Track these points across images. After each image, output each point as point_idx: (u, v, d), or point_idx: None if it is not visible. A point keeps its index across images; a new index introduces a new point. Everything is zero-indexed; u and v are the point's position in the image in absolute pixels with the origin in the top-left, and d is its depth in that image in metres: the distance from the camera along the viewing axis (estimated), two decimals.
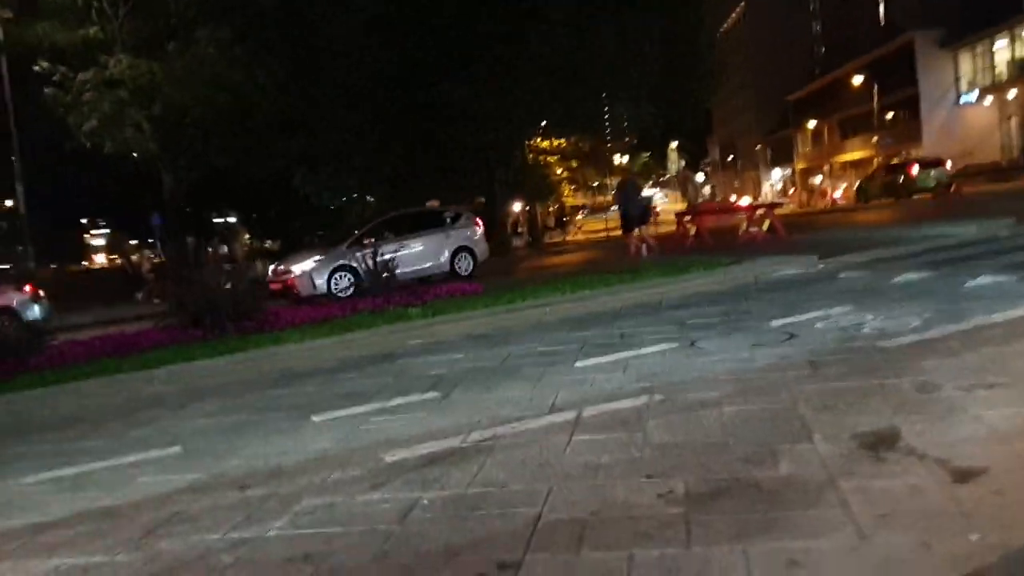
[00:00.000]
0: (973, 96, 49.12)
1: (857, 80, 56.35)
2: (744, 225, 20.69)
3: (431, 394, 6.71)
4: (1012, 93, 45.44)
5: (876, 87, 54.64)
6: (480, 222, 20.93)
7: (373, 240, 18.25)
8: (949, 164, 37.41)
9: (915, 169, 36.36)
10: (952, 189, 33.41)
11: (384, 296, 12.61)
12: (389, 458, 4.98)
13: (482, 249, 20.35)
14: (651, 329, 8.63)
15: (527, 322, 10.37)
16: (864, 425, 4.49)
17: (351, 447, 5.43)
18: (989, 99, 47.96)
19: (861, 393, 5.12)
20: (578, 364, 7.31)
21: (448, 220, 20.27)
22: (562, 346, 8.35)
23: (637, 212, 18.70)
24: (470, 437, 5.21)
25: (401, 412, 6.25)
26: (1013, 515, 3.15)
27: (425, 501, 4.13)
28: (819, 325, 7.52)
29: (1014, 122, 46.48)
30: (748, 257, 13.38)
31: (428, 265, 19.32)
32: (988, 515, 3.17)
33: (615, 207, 28.69)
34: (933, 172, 35.86)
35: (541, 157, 52.50)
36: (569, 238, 55.16)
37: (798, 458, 4.12)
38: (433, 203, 25.37)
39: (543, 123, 39.98)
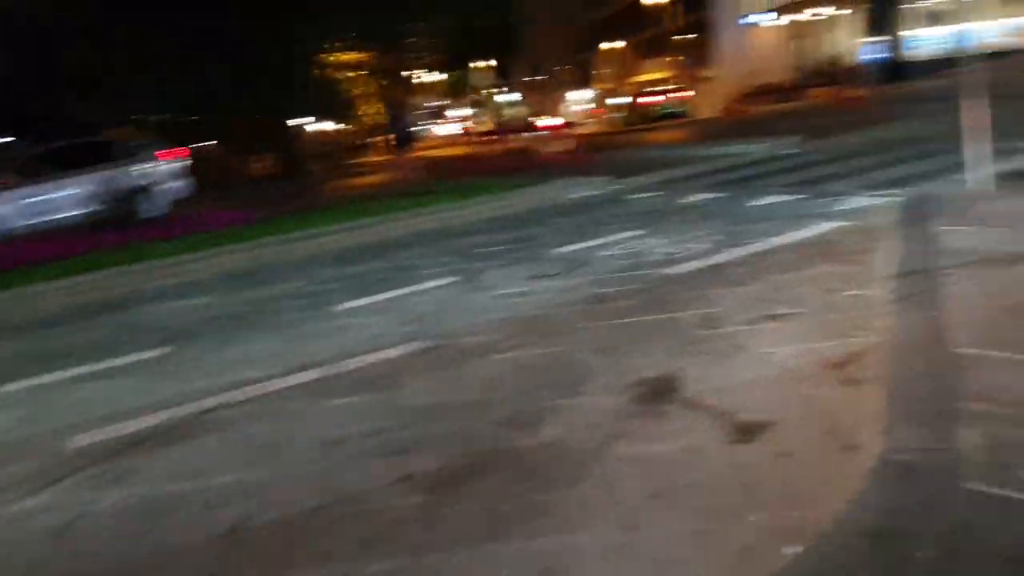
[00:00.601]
0: (762, 17, 51.41)
1: (653, 1, 57.44)
2: (544, 145, 20.39)
3: (157, 351, 5.69)
4: (796, 15, 47.94)
5: (671, 8, 55.98)
6: (177, 153, 16.89)
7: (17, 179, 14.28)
8: (684, 94, 45.33)
9: (652, 98, 44.23)
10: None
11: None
12: (76, 443, 4.00)
13: (174, 187, 15.94)
14: (432, 261, 7.94)
15: (297, 256, 9.40)
16: (646, 369, 4.02)
17: (34, 430, 4.39)
18: (777, 21, 50.40)
19: (645, 330, 4.67)
20: (343, 306, 6.51)
21: (122, 153, 15.85)
22: (329, 285, 7.51)
23: (404, 133, 18.16)
24: (189, 409, 4.31)
25: (113, 377, 5.22)
26: (798, 486, 2.71)
27: (99, 507, 3.25)
28: (606, 252, 7.11)
29: (798, 44, 49.21)
30: (545, 179, 12.96)
31: (82, 211, 14.75)
32: (772, 487, 2.73)
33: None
34: (668, 102, 43.18)
35: (340, 72, 49.90)
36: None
37: (570, 417, 3.58)
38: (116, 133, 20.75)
39: (334, 35, 37.69)
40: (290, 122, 38.55)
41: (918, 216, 6.36)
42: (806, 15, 46.43)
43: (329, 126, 46.66)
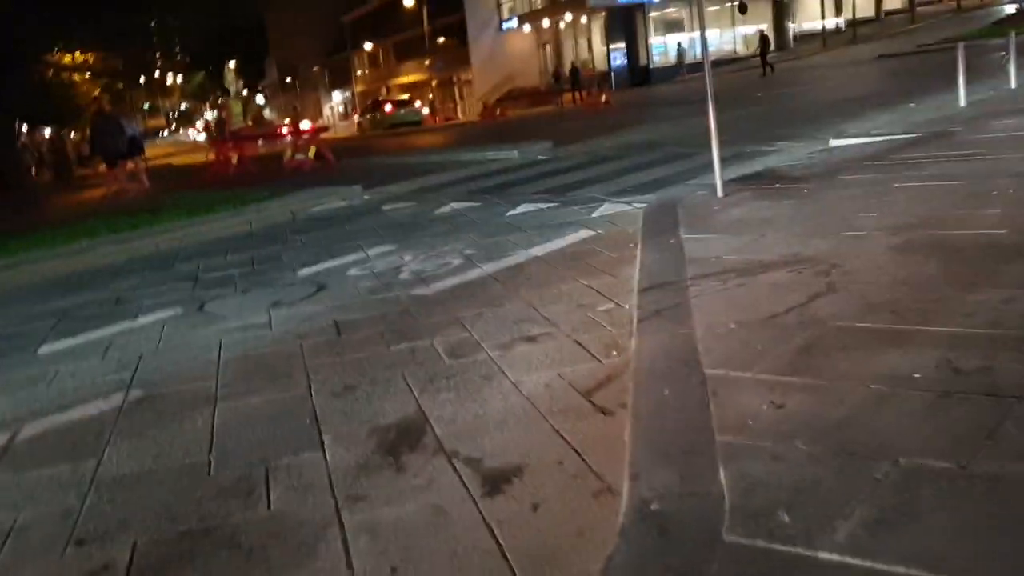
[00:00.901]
0: (514, 23, 52.97)
1: (408, 2, 57.56)
2: (289, 152, 19.51)
3: None
4: (546, 21, 49.84)
5: (426, 10, 56.35)
6: None
7: None
8: (418, 104, 48.20)
9: (388, 107, 45.61)
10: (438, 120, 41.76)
11: None
12: None
13: None
14: (155, 290, 7.13)
15: None
16: (388, 413, 3.65)
17: None
18: (527, 26, 52.10)
19: (389, 364, 4.31)
20: (43, 350, 5.63)
21: None
22: (31, 323, 6.51)
23: (115, 145, 16.96)
24: None
25: None
26: (553, 547, 2.45)
27: None
28: (353, 271, 6.69)
29: (549, 49, 51.21)
30: (289, 189, 12.28)
31: None
32: (525, 551, 2.45)
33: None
34: (403, 111, 45.03)
35: (64, 75, 45.48)
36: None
37: (299, 479, 3.14)
38: None
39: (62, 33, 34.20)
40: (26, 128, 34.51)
41: (665, 223, 6.49)
42: (553, 21, 48.39)
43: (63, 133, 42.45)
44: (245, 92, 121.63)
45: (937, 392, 2.83)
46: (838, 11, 45.13)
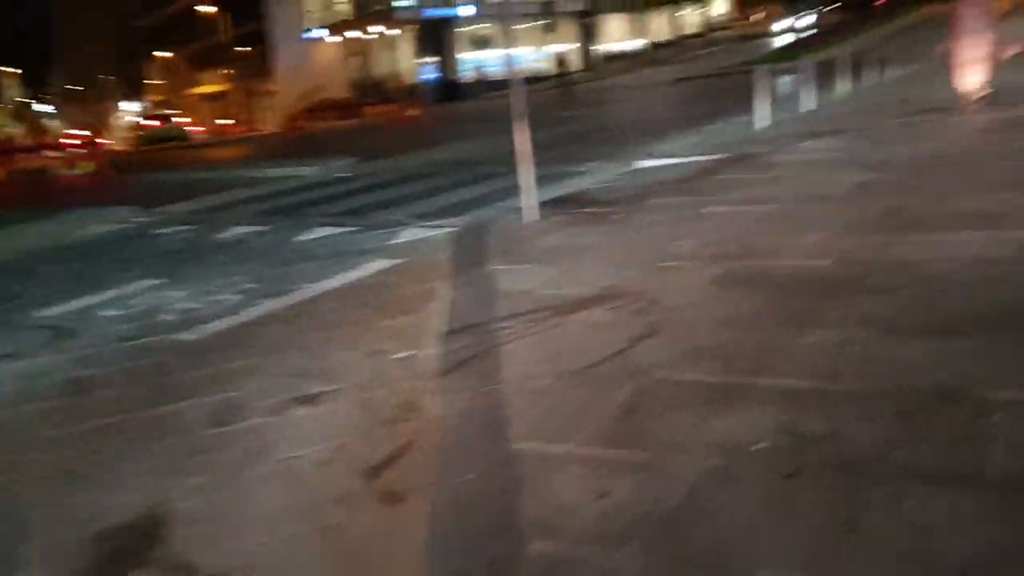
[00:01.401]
0: (319, 33, 51.51)
1: (206, 10, 54.84)
2: (68, 166, 17.63)
3: None
4: (354, 32, 48.80)
5: (225, 18, 53.87)
6: None
7: None
8: (186, 119, 49.18)
9: (149, 122, 46.80)
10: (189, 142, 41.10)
11: None
12: None
13: None
14: None
15: None
16: (118, 508, 2.85)
17: None
18: (335, 37, 50.83)
19: (132, 436, 3.48)
20: None
21: None
22: None
23: None
24: None
25: None
26: None
27: None
28: (108, 312, 5.70)
29: (357, 60, 50.15)
30: (55, 210, 10.84)
31: None
32: None
33: None
34: (166, 126, 45.97)
35: None
36: None
37: None
38: None
39: None
40: None
41: (474, 251, 5.96)
42: (361, 33, 47.45)
43: None
44: (26, 100, 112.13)
45: (783, 471, 2.41)
46: (640, 34, 47.04)
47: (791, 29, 45.67)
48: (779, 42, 40.09)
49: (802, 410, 2.78)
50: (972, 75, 10.64)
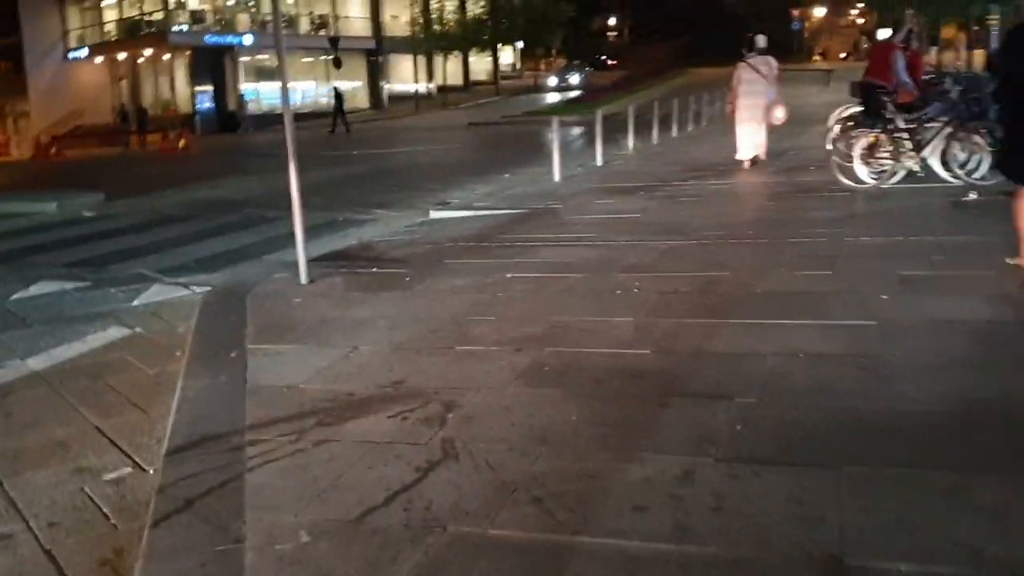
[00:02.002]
0: (83, 52, 47.40)
1: None
2: None
3: None
4: (122, 55, 45.26)
5: None
6: None
7: None
8: None
9: None
10: None
11: None
12: None
13: None
14: None
15: None
16: None
17: None
18: (100, 58, 46.94)
19: None
20: None
21: None
22: None
23: None
24: None
25: None
26: None
27: None
28: None
29: (125, 84, 46.49)
30: None
31: None
32: None
33: None
34: None
35: None
36: None
37: None
38: None
39: None
40: None
41: (227, 323, 4.90)
42: (131, 55, 44.20)
43: None
44: None
45: None
46: (430, 77, 46.89)
47: (560, 86, 45.93)
48: (557, 96, 40.91)
49: None
50: (750, 136, 10.91)
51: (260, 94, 42.58)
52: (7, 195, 13.12)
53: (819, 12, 67.65)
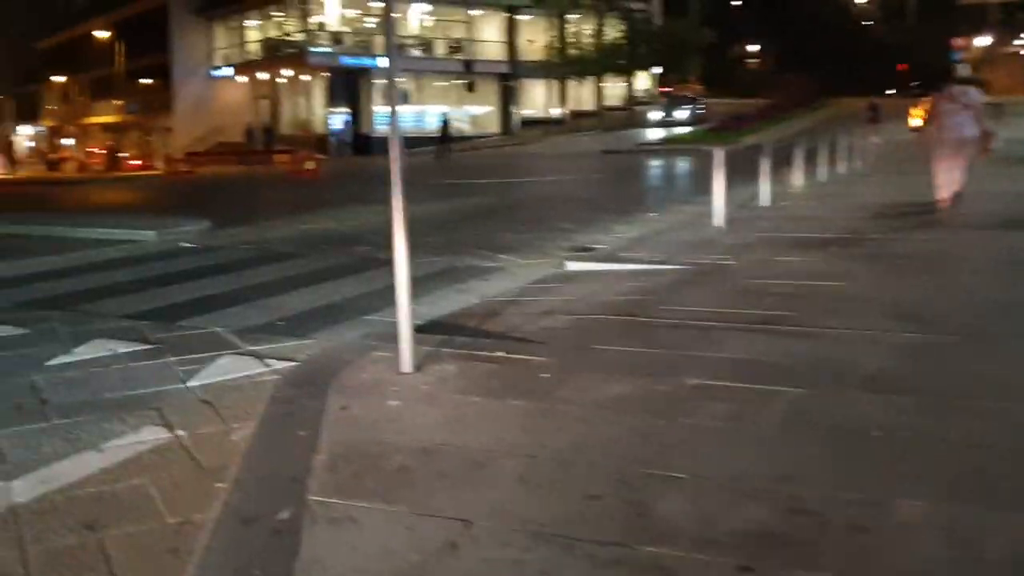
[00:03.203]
0: (226, 72, 48.38)
1: (105, 36, 51.26)
2: None
3: None
4: (263, 74, 45.84)
5: (125, 46, 50.34)
6: None
7: None
8: None
9: None
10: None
11: None
12: None
13: None
14: None
15: None
16: None
17: None
18: (242, 78, 47.76)
19: None
20: None
21: None
22: None
23: None
24: None
25: None
26: None
27: None
28: None
29: (265, 104, 47.09)
30: None
31: None
32: None
33: None
34: None
35: None
36: None
37: None
38: None
39: None
40: None
41: (290, 438, 3.42)
42: (271, 75, 44.70)
43: None
44: None
45: None
46: (562, 102, 45.58)
47: (665, 120, 39.57)
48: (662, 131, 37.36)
49: None
50: (950, 174, 9.25)
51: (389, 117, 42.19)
52: (114, 218, 12.27)
53: (982, 42, 62.92)
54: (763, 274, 6.51)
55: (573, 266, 7.38)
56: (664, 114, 41.06)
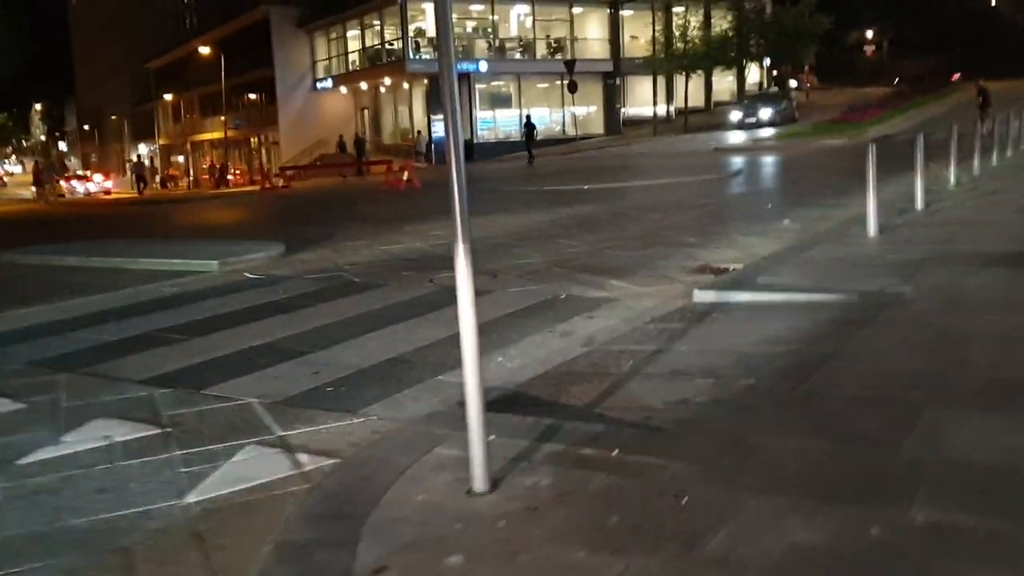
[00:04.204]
0: (328, 83, 48.40)
1: (209, 53, 52.17)
2: None
3: None
4: (364, 84, 45.60)
5: (229, 62, 51.07)
6: None
7: None
8: None
9: None
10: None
11: None
12: None
13: None
14: None
15: None
16: None
17: None
18: (344, 88, 47.69)
19: None
20: None
21: None
22: None
23: None
24: None
25: None
26: None
27: None
28: None
29: (367, 114, 46.85)
30: None
31: None
32: None
33: None
34: None
35: None
36: None
37: None
38: None
39: None
40: None
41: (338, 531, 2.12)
42: (372, 85, 44.39)
43: None
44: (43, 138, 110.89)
45: None
46: (669, 98, 43.61)
47: (746, 122, 35.02)
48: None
49: None
50: None
51: (497, 122, 41.14)
52: (182, 246, 11.32)
53: None
54: (956, 308, 4.90)
55: (703, 296, 5.89)
56: (743, 115, 36.42)
